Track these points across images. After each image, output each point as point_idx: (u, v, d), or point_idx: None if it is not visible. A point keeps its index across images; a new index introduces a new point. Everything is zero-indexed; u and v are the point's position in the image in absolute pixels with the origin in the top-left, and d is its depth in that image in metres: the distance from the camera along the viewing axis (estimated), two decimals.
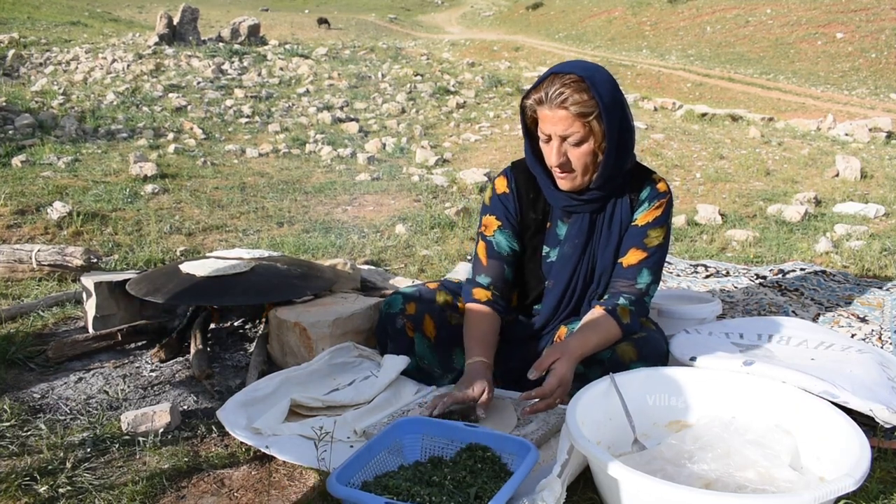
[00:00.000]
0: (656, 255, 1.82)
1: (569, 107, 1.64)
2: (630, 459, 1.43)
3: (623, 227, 1.85)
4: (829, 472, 1.38)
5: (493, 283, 1.91)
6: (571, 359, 1.68)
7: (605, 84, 1.67)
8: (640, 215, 1.83)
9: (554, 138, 1.70)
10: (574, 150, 1.70)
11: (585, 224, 1.86)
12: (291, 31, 24.91)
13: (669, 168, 6.19)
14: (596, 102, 1.64)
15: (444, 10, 43.79)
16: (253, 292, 2.20)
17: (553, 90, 1.65)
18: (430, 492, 1.34)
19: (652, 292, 1.84)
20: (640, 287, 1.81)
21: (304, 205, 4.73)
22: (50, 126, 6.79)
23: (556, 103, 1.65)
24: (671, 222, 1.85)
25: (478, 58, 18.78)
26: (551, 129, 1.69)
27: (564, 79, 1.66)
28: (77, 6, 25.43)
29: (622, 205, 1.84)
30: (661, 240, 1.82)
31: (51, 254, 2.96)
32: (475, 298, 1.90)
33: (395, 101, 9.25)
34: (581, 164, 1.72)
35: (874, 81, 17.42)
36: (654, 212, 1.82)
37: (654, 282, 1.83)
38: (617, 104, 1.69)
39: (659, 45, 25.32)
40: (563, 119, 1.66)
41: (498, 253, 1.92)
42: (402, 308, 2.01)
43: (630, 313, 1.79)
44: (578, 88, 1.64)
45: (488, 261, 1.93)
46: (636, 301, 1.81)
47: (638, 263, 1.80)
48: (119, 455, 1.65)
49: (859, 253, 3.59)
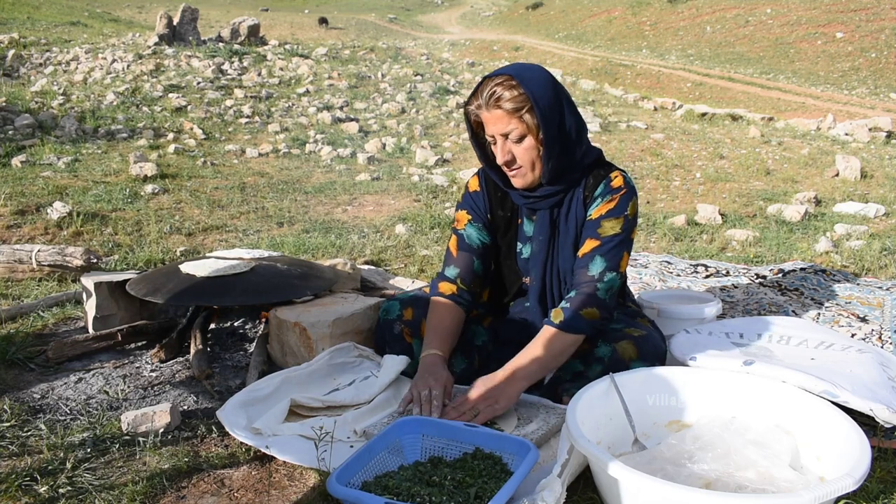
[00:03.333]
0: (610, 243, 1.80)
1: (502, 105, 1.71)
2: (630, 459, 1.43)
3: (579, 223, 1.87)
4: (829, 472, 1.39)
5: (461, 275, 1.96)
6: (494, 380, 1.69)
7: (535, 80, 1.73)
8: (593, 210, 1.84)
9: (497, 138, 1.77)
10: (517, 147, 1.76)
11: (547, 221, 1.90)
12: (291, 31, 24.91)
13: (669, 168, 6.19)
14: (527, 97, 1.70)
15: (443, 9, 43.78)
16: (253, 292, 2.21)
17: (487, 92, 1.73)
18: (430, 492, 1.34)
19: (609, 280, 1.78)
20: (592, 274, 1.78)
21: (304, 205, 4.73)
22: (50, 126, 6.79)
23: (491, 104, 1.73)
24: (633, 214, 1.83)
25: (478, 58, 18.78)
26: (492, 129, 1.76)
27: (496, 80, 1.74)
28: (77, 6, 25.42)
29: (577, 200, 1.87)
30: (616, 230, 1.80)
31: (51, 254, 2.96)
32: (439, 292, 1.95)
33: (395, 101, 9.25)
34: (527, 160, 1.78)
35: (874, 81, 17.41)
36: (607, 205, 1.83)
37: (608, 269, 1.78)
38: (552, 97, 1.73)
39: (659, 44, 25.32)
40: (500, 118, 1.73)
41: (468, 245, 1.98)
42: (400, 314, 2.02)
43: (563, 311, 1.76)
44: (509, 86, 1.71)
45: (458, 253, 1.98)
46: (578, 293, 1.77)
47: (591, 252, 1.80)
48: (119, 455, 1.65)
49: (859, 253, 3.59)
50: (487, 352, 2.03)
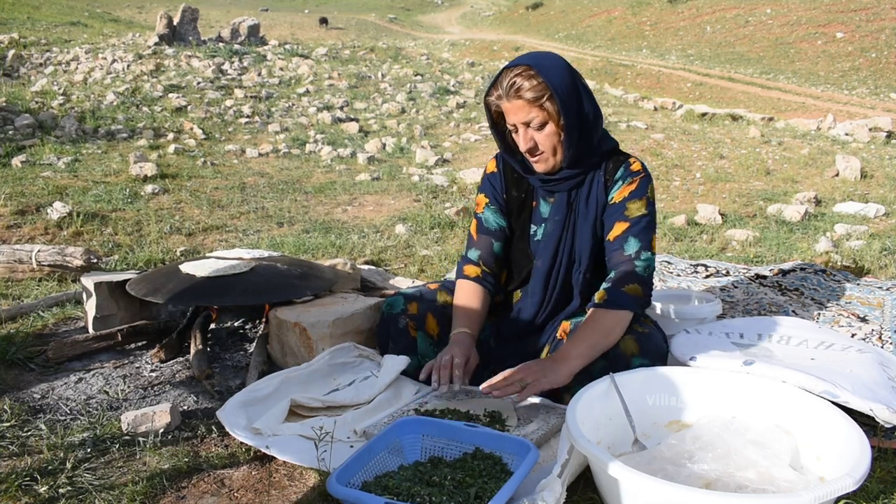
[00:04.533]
0: (640, 223, 1.86)
1: (522, 94, 1.76)
2: (630, 459, 1.43)
3: (600, 206, 1.92)
4: (830, 472, 1.38)
5: (482, 257, 2.03)
6: (543, 360, 1.74)
7: (553, 68, 1.78)
8: (615, 193, 1.90)
9: (519, 126, 1.81)
10: (539, 134, 1.81)
11: (564, 202, 1.95)
12: (291, 31, 24.91)
13: (669, 168, 6.19)
14: (546, 85, 1.75)
15: (444, 10, 43.78)
16: (253, 292, 2.20)
17: (507, 82, 1.78)
18: (430, 492, 1.34)
19: (645, 259, 1.83)
20: (629, 254, 1.84)
21: (304, 205, 4.73)
22: (50, 126, 6.79)
23: (511, 94, 1.77)
24: (653, 198, 1.90)
25: (478, 58, 18.78)
26: (514, 118, 1.81)
27: (515, 70, 1.78)
28: (77, 6, 25.42)
29: (598, 184, 1.92)
30: (643, 210, 1.87)
31: (51, 254, 2.96)
32: (465, 275, 2.02)
33: (395, 101, 9.25)
34: (549, 146, 1.82)
35: (874, 81, 17.41)
36: (628, 187, 1.88)
37: (643, 248, 1.84)
38: (570, 84, 1.78)
39: (659, 44, 25.32)
40: (521, 107, 1.77)
41: (487, 228, 2.04)
42: (405, 308, 2.02)
43: (606, 291, 1.81)
44: (528, 76, 1.76)
45: (479, 236, 2.05)
46: (618, 272, 1.83)
47: (623, 233, 1.86)
48: (119, 455, 1.65)
49: (859, 252, 3.59)
50: (489, 347, 2.03)
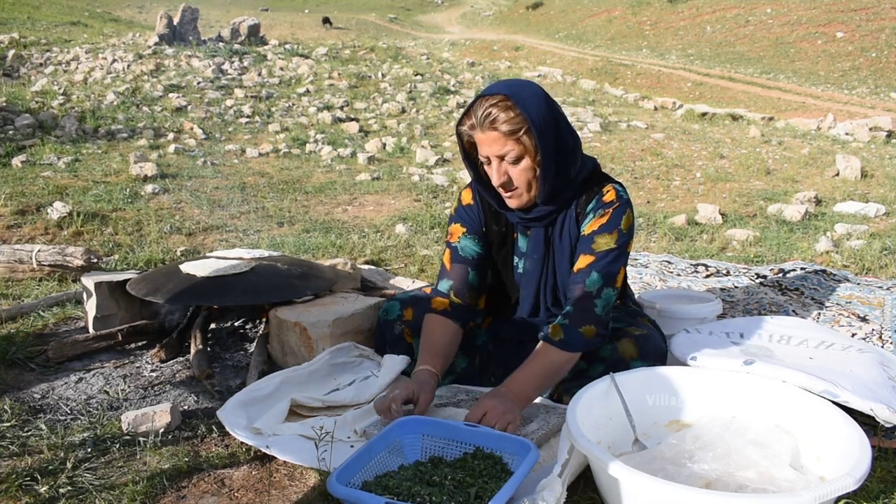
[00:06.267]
0: (606, 258, 1.76)
1: (498, 126, 1.66)
2: (630, 459, 1.43)
3: (573, 240, 1.84)
4: (830, 472, 1.38)
5: (454, 287, 1.91)
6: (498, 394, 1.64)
7: (531, 98, 1.68)
8: (585, 226, 1.80)
9: (493, 159, 1.71)
10: (513, 169, 1.71)
11: (541, 238, 1.87)
12: (291, 30, 24.90)
13: (670, 168, 6.19)
14: (524, 118, 1.65)
15: (444, 9, 43.76)
16: (253, 292, 2.20)
17: (481, 113, 1.67)
18: (431, 492, 1.34)
19: (605, 296, 1.74)
20: (589, 290, 1.74)
21: (304, 205, 4.73)
22: (50, 126, 6.79)
23: (486, 125, 1.67)
24: (627, 228, 1.79)
25: (478, 57, 18.78)
26: (487, 150, 1.70)
27: (491, 100, 1.67)
28: (77, 6, 25.42)
29: (570, 218, 1.84)
30: (611, 245, 1.76)
31: (51, 254, 2.96)
32: (433, 308, 1.90)
33: (395, 101, 9.24)
34: (523, 181, 1.73)
35: (874, 81, 17.40)
36: (599, 220, 1.78)
37: (605, 285, 1.74)
38: (547, 117, 1.68)
39: (659, 44, 25.31)
40: (496, 139, 1.67)
41: (463, 257, 1.92)
42: (400, 314, 2.02)
43: (561, 328, 1.72)
44: (505, 107, 1.65)
45: (452, 265, 1.93)
46: (576, 309, 1.74)
47: (587, 267, 1.76)
48: (119, 455, 1.65)
49: (860, 252, 3.59)
50: (488, 351, 2.03)
